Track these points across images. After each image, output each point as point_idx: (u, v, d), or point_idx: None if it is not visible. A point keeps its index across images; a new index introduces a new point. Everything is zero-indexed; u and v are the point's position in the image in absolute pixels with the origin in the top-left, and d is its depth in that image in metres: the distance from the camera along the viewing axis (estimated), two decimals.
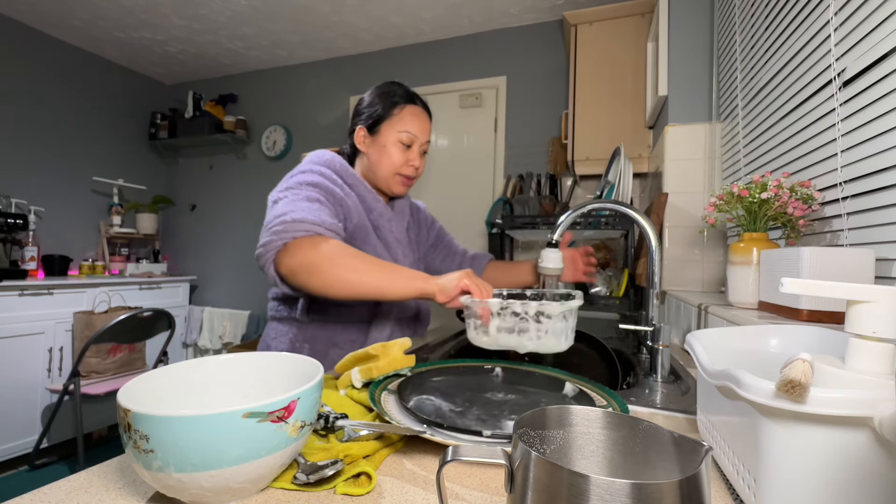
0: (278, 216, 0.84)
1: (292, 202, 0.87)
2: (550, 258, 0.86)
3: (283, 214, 0.83)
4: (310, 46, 3.00)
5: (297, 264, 0.79)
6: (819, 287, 0.34)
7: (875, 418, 0.27)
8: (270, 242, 0.81)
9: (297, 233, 0.81)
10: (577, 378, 0.66)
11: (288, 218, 0.81)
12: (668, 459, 0.28)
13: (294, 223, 0.81)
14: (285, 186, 0.93)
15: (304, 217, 0.82)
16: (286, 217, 0.82)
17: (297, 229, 0.81)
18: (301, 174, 0.96)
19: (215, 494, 0.36)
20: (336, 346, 1.00)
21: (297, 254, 0.79)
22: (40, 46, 2.87)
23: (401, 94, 1.04)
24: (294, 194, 0.90)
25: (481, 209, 2.61)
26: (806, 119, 0.89)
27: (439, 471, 0.29)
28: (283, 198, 0.90)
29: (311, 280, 0.79)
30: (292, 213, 0.83)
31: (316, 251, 0.79)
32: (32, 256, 2.63)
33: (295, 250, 0.80)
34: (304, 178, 0.94)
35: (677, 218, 1.46)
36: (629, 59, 1.97)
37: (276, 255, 0.82)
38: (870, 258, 0.65)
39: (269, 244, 0.81)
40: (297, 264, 0.79)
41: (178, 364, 0.46)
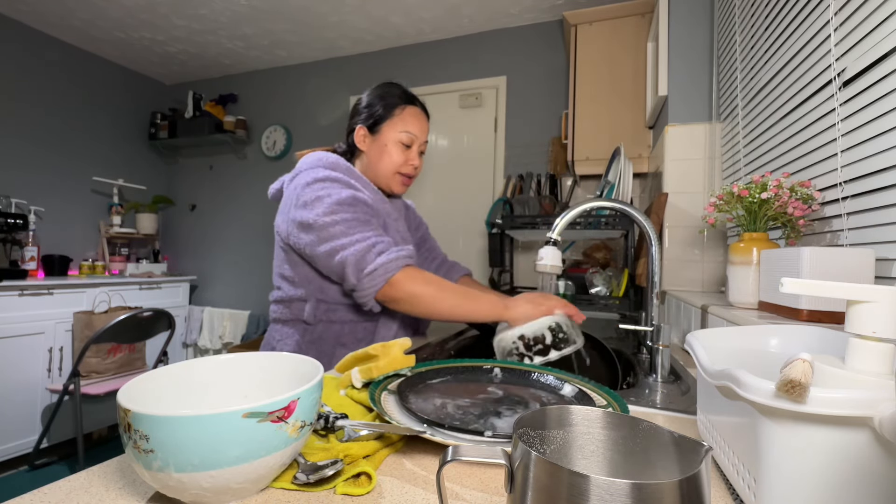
0: (364, 253, 0.90)
1: (356, 231, 0.92)
2: (548, 257, 0.85)
3: (368, 251, 0.90)
4: (309, 46, 3.00)
5: (402, 298, 0.91)
6: (819, 287, 0.34)
7: (875, 418, 0.27)
8: (374, 286, 0.90)
9: (395, 271, 0.90)
10: (577, 378, 0.66)
11: (383, 260, 0.89)
12: (668, 459, 0.28)
13: (391, 262, 0.90)
14: (325, 209, 0.92)
15: (397, 256, 0.91)
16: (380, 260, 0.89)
17: (396, 267, 0.90)
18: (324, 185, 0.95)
19: (215, 494, 0.36)
20: (343, 347, 1.00)
21: (400, 289, 0.90)
22: (40, 46, 2.87)
23: (401, 95, 1.06)
24: (343, 220, 0.92)
25: (481, 209, 2.61)
26: (806, 119, 0.89)
27: (439, 471, 0.29)
28: (331, 224, 0.91)
29: (414, 309, 0.92)
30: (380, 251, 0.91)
31: (417, 285, 0.90)
32: (32, 256, 2.63)
33: (398, 286, 0.90)
34: (341, 196, 0.94)
35: (677, 218, 1.46)
36: (629, 59, 1.97)
37: (378, 293, 0.91)
38: (870, 258, 0.65)
39: (373, 287, 0.90)
40: (402, 298, 0.91)
41: (178, 364, 0.46)
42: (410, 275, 0.91)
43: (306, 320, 1.00)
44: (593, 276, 1.70)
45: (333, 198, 0.93)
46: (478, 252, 2.65)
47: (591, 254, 1.95)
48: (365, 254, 0.90)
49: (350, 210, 0.94)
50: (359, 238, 0.91)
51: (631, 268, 1.58)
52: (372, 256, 0.90)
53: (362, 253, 0.90)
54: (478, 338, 1.22)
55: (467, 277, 1.31)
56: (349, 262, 0.90)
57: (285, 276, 1.03)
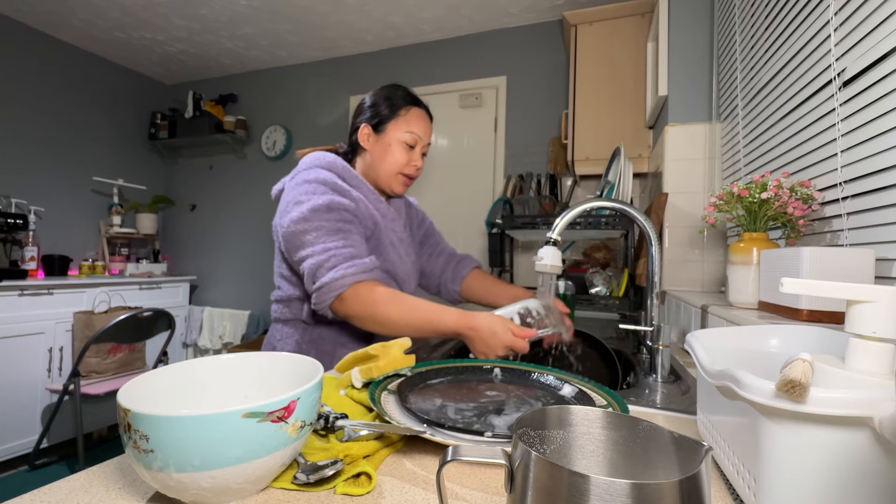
0: (318, 267, 0.90)
1: (321, 241, 0.91)
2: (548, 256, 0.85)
3: (321, 266, 0.90)
4: (310, 46, 3.00)
5: (350, 316, 0.91)
6: (819, 287, 0.34)
7: (875, 418, 0.27)
8: (322, 302, 0.91)
9: (340, 290, 0.89)
10: (577, 378, 0.66)
11: (328, 278, 0.89)
12: (668, 459, 0.28)
13: (335, 282, 0.88)
14: (300, 215, 0.93)
15: (342, 273, 0.89)
16: (326, 278, 0.89)
17: (340, 286, 0.89)
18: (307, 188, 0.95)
19: (215, 495, 0.36)
20: (343, 346, 1.00)
21: (347, 307, 0.90)
22: (40, 46, 2.87)
23: (406, 97, 1.08)
24: (315, 229, 0.92)
25: (481, 209, 2.61)
26: (806, 119, 0.89)
27: (439, 471, 0.29)
28: (303, 232, 0.92)
29: (365, 325, 0.92)
30: (329, 268, 0.89)
31: (362, 306, 0.89)
32: (32, 256, 2.63)
33: (345, 304, 0.90)
34: (316, 203, 0.93)
35: (677, 218, 1.46)
36: (629, 59, 1.97)
37: (330, 308, 0.91)
38: (870, 258, 0.65)
39: (322, 303, 0.91)
40: (350, 316, 0.91)
41: (178, 364, 0.46)
42: (362, 293, 0.89)
43: (305, 320, 1.01)
44: (593, 276, 1.70)
45: (308, 204, 0.93)
46: (478, 252, 2.65)
47: (591, 254, 1.95)
48: (318, 268, 0.90)
49: (323, 217, 0.93)
50: (319, 250, 0.91)
51: (631, 268, 1.58)
52: (323, 271, 0.89)
53: (317, 266, 0.90)
54: None
55: (478, 270, 1.30)
56: (306, 273, 0.91)
57: (285, 276, 1.03)
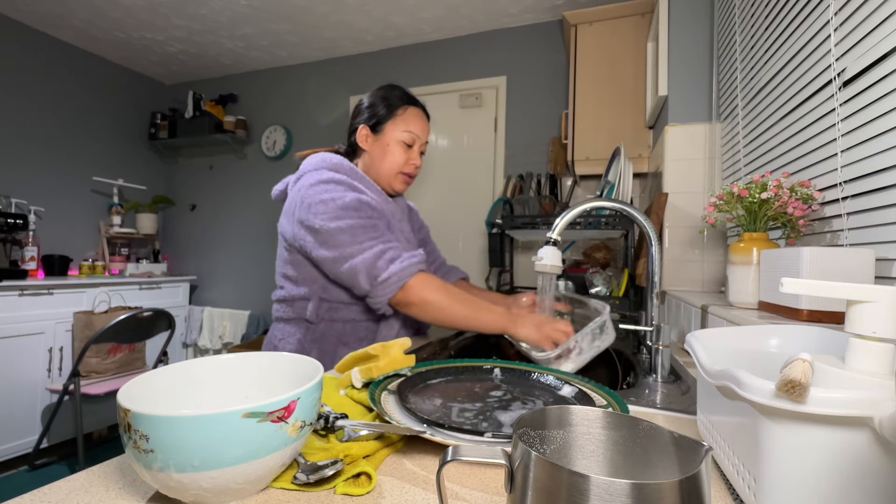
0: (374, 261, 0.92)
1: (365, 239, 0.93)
2: (548, 256, 0.85)
3: (378, 258, 0.92)
4: (309, 46, 3.00)
5: (414, 303, 0.94)
6: (819, 287, 0.34)
7: (875, 418, 0.27)
8: (384, 294, 0.93)
9: (408, 278, 0.93)
10: (577, 378, 0.66)
11: (396, 268, 0.92)
12: (668, 459, 0.28)
13: (403, 271, 0.92)
14: (330, 214, 0.93)
15: (409, 263, 0.93)
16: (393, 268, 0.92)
17: (408, 274, 0.93)
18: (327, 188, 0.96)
19: (216, 495, 0.36)
20: (345, 346, 1.00)
21: (412, 294, 0.94)
22: (40, 46, 2.87)
23: (402, 96, 1.09)
24: (350, 227, 0.93)
25: (481, 209, 2.61)
26: (806, 119, 0.88)
27: (439, 471, 0.29)
28: (338, 232, 0.92)
29: (423, 315, 0.95)
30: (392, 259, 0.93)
31: (429, 292, 0.94)
32: (32, 256, 2.63)
33: (411, 292, 0.93)
34: (344, 201, 0.95)
35: (677, 218, 1.46)
36: (629, 59, 1.97)
37: (393, 297, 0.94)
38: (870, 258, 0.65)
39: (384, 295, 0.93)
40: (414, 303, 0.94)
41: (178, 364, 0.46)
42: (423, 281, 0.94)
43: (309, 319, 1.01)
44: (593, 276, 1.70)
45: (338, 202, 0.94)
46: (478, 252, 2.65)
47: (591, 254, 1.95)
48: (376, 261, 0.92)
49: (355, 215, 0.94)
50: (367, 246, 0.93)
51: (631, 268, 1.58)
52: (384, 264, 0.92)
53: (373, 261, 0.92)
54: (478, 338, 1.22)
55: (463, 281, 1.31)
56: (360, 269, 0.92)
57: (288, 276, 1.03)
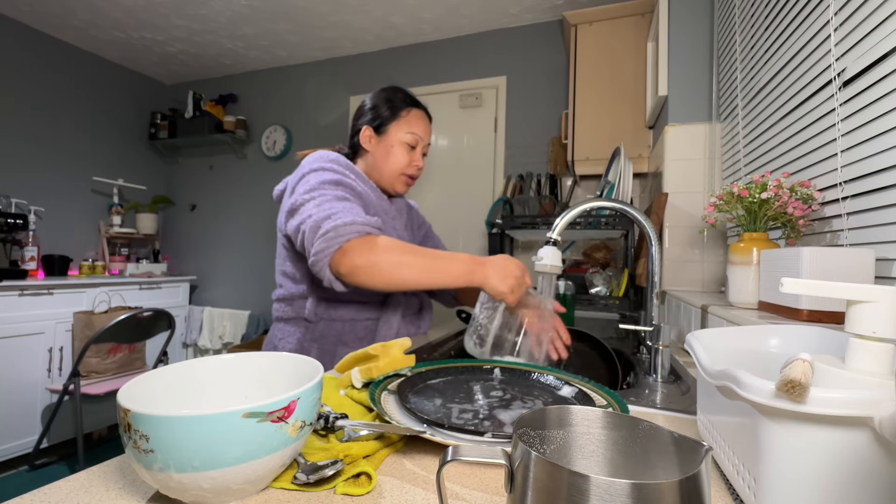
0: (324, 220, 0.85)
1: (327, 203, 0.88)
2: (548, 256, 0.85)
3: (327, 218, 0.85)
4: (309, 46, 3.00)
5: (357, 265, 0.83)
6: (819, 287, 0.34)
7: (875, 418, 0.27)
8: (326, 248, 0.84)
9: (350, 235, 0.84)
10: (577, 378, 0.66)
11: (339, 222, 0.84)
12: (668, 459, 0.28)
13: (346, 226, 0.84)
14: (307, 188, 0.92)
15: (353, 220, 0.85)
16: (336, 221, 0.84)
17: (351, 231, 0.84)
18: (316, 173, 0.95)
19: (216, 495, 0.36)
20: (345, 345, 1.00)
21: (355, 256, 0.83)
22: (40, 46, 2.87)
23: (405, 98, 1.09)
24: (321, 195, 0.90)
25: (481, 209, 2.61)
26: (806, 119, 0.89)
27: (439, 471, 0.29)
28: (309, 200, 0.90)
29: (372, 278, 0.84)
30: (339, 216, 0.85)
31: (374, 252, 0.83)
32: (32, 256, 2.63)
33: (353, 253, 0.83)
34: (324, 177, 0.93)
35: (677, 218, 1.46)
36: (629, 59, 1.97)
37: (331, 258, 0.85)
38: (870, 258, 0.65)
39: (325, 250, 0.84)
40: (357, 265, 0.83)
41: (178, 364, 0.46)
42: (367, 241, 0.84)
43: (308, 318, 1.01)
44: (593, 276, 1.70)
45: (315, 180, 0.93)
46: (478, 252, 2.65)
47: (591, 254, 1.95)
48: (324, 220, 0.85)
49: (329, 189, 0.92)
50: (325, 209, 0.87)
51: (631, 268, 1.58)
52: (328, 222, 0.85)
53: (322, 219, 0.86)
54: None
55: None
56: (308, 229, 0.86)
57: (287, 274, 1.03)
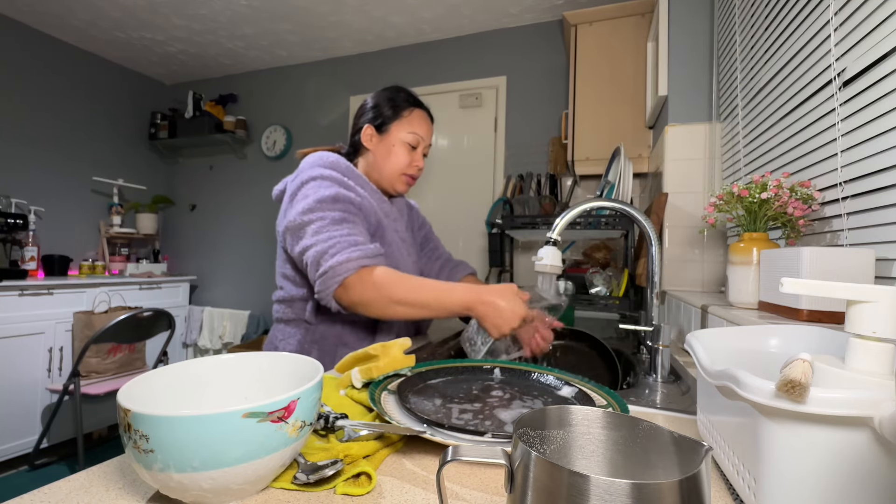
0: (322, 254, 0.88)
1: (325, 232, 0.90)
2: (548, 256, 0.85)
3: (325, 253, 0.88)
4: (309, 46, 3.00)
5: (356, 303, 0.88)
6: (819, 287, 0.34)
7: (875, 418, 0.27)
8: (327, 289, 0.88)
9: (347, 274, 0.86)
10: (577, 378, 0.66)
11: (333, 262, 0.86)
12: (668, 459, 0.28)
13: (341, 266, 0.86)
14: (306, 207, 0.92)
15: (347, 257, 0.87)
16: (332, 261, 0.87)
17: (347, 270, 0.86)
18: (315, 183, 0.95)
19: (216, 495, 0.36)
20: (345, 346, 1.00)
21: (353, 294, 0.87)
22: (40, 46, 2.87)
23: (408, 98, 1.09)
24: (319, 219, 0.91)
25: (481, 209, 2.61)
26: (806, 119, 0.88)
27: (439, 471, 0.29)
28: (308, 224, 0.91)
29: (372, 312, 0.89)
30: (336, 251, 0.87)
31: (372, 288, 0.86)
32: (32, 256, 2.63)
33: (351, 291, 0.87)
34: (322, 194, 0.93)
35: (677, 218, 1.46)
36: (629, 59, 1.97)
37: (334, 293, 0.89)
38: (870, 258, 0.65)
39: (326, 290, 0.88)
40: (356, 303, 0.88)
41: (177, 364, 0.46)
42: (363, 278, 0.87)
43: (308, 320, 1.01)
44: (593, 276, 1.70)
45: (313, 197, 0.93)
46: (478, 252, 2.65)
47: (591, 254, 1.95)
48: (322, 255, 0.88)
49: (328, 208, 0.92)
50: (324, 238, 0.89)
51: (631, 268, 1.58)
52: (327, 258, 0.87)
53: (321, 254, 0.88)
54: None
55: (472, 276, 1.30)
56: (310, 262, 0.89)
57: (287, 276, 1.03)
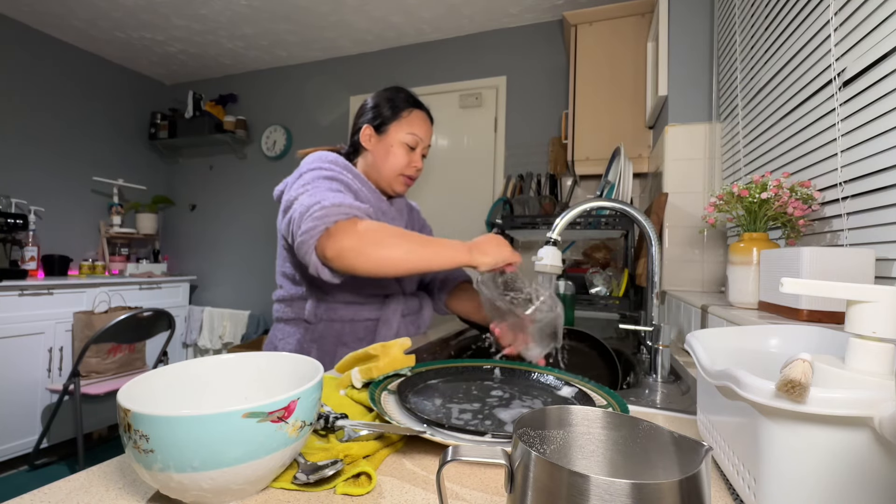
0: (313, 205, 0.83)
1: (319, 192, 0.87)
2: (548, 256, 0.85)
3: (316, 203, 0.83)
4: (309, 46, 3.00)
5: (344, 247, 0.80)
6: (819, 287, 0.34)
7: (875, 418, 0.27)
8: (313, 228, 0.81)
9: (338, 216, 0.81)
10: (577, 378, 0.66)
11: (327, 203, 0.82)
12: (668, 459, 0.28)
13: (333, 207, 0.82)
14: (302, 183, 0.92)
15: (340, 201, 0.83)
16: (324, 203, 0.82)
17: (338, 213, 0.82)
18: (312, 171, 0.95)
19: (216, 495, 0.36)
20: (344, 346, 1.00)
21: (341, 237, 0.80)
22: (40, 46, 2.87)
23: (408, 99, 1.09)
24: (315, 187, 0.89)
25: (481, 209, 2.61)
26: (806, 119, 0.88)
27: (439, 471, 0.29)
28: (304, 192, 0.89)
29: (359, 261, 0.80)
30: (328, 199, 0.83)
31: (359, 233, 0.81)
32: (32, 256, 2.63)
33: (338, 234, 0.80)
34: (320, 174, 0.93)
35: (677, 218, 1.46)
36: (629, 59, 1.97)
37: (317, 241, 0.82)
38: (870, 258, 0.65)
39: (312, 230, 0.81)
40: (344, 247, 0.80)
41: (177, 364, 0.46)
42: (354, 222, 0.82)
43: (308, 319, 1.01)
44: (593, 276, 1.70)
45: (310, 177, 0.93)
46: None
47: (591, 254, 1.95)
48: (312, 205, 0.83)
49: (324, 184, 0.91)
50: (312, 194, 0.86)
51: (631, 268, 1.58)
52: (315, 209, 0.82)
53: (310, 205, 0.84)
54: (478, 338, 1.22)
55: (466, 284, 1.30)
56: (297, 215, 0.84)
57: (287, 275, 1.04)
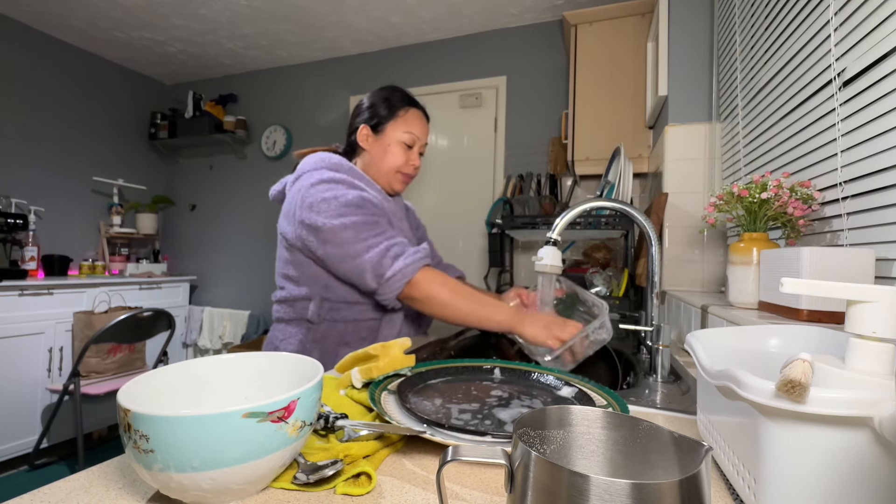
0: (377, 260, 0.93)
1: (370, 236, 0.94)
2: (548, 256, 0.85)
3: (382, 257, 0.94)
4: (309, 46, 3.00)
5: (419, 298, 0.96)
6: (819, 287, 0.34)
7: (875, 418, 0.27)
8: (392, 291, 0.95)
9: (409, 276, 0.94)
10: (577, 378, 0.66)
11: (398, 266, 0.93)
12: (668, 459, 0.28)
13: (406, 268, 0.93)
14: (334, 212, 0.94)
15: (412, 260, 0.94)
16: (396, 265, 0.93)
17: (409, 272, 0.94)
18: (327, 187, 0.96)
19: (216, 495, 0.36)
20: (346, 346, 1.00)
21: (418, 291, 0.95)
22: (40, 46, 2.87)
23: (403, 98, 1.09)
24: (353, 224, 0.94)
25: (481, 209, 2.61)
26: (806, 119, 0.88)
27: (439, 471, 0.29)
28: (341, 229, 0.93)
29: (429, 310, 0.97)
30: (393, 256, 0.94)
31: (433, 288, 0.95)
32: (32, 256, 2.63)
33: (416, 288, 0.95)
34: (346, 198, 0.96)
35: (677, 218, 1.46)
36: (629, 59, 1.97)
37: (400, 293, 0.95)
38: (870, 258, 0.65)
39: (391, 291, 0.95)
40: (419, 298, 0.96)
41: (177, 364, 0.46)
42: (428, 277, 0.95)
43: (310, 319, 1.01)
44: (593, 276, 1.70)
45: (340, 200, 0.94)
46: (478, 252, 2.65)
47: (591, 254, 1.95)
48: (381, 259, 0.93)
49: (358, 212, 0.95)
50: (373, 243, 0.94)
51: (631, 268, 1.58)
52: (388, 261, 0.93)
53: (379, 258, 0.93)
54: (478, 338, 1.22)
55: (459, 280, 1.31)
56: (366, 268, 0.93)
57: (289, 276, 1.03)
